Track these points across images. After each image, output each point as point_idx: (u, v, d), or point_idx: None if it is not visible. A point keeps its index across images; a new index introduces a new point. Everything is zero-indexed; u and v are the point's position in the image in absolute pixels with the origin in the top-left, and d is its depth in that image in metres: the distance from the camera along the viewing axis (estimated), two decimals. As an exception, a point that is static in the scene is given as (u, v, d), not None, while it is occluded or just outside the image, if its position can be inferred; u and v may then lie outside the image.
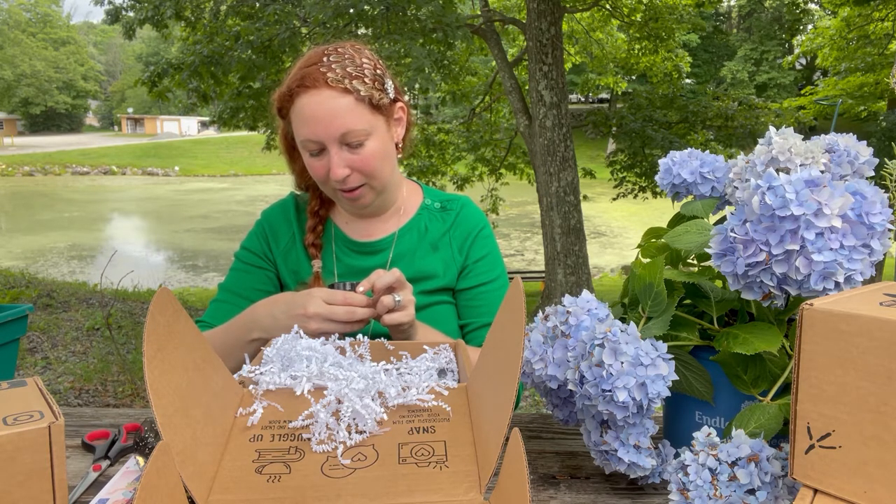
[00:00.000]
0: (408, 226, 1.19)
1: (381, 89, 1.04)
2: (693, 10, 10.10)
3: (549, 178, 6.43)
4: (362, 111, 1.01)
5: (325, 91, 0.99)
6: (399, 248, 1.17)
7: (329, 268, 1.17)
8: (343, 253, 1.18)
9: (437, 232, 1.19)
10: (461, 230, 1.20)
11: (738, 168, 0.77)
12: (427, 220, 1.20)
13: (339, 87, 0.99)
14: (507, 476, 0.55)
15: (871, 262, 0.62)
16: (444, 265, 1.17)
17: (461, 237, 1.20)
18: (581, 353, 0.70)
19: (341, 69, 1.00)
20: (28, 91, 44.02)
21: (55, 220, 17.50)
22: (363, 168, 1.04)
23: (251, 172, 31.18)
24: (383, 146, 1.06)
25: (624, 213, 17.52)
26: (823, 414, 0.49)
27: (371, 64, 1.05)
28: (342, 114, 0.99)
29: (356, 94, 1.00)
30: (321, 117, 0.99)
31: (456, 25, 6.00)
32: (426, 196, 1.24)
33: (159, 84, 6.54)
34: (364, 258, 1.17)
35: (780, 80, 29.41)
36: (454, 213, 1.21)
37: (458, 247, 1.19)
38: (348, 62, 1.01)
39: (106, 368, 4.47)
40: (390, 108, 1.08)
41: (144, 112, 49.06)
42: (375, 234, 1.19)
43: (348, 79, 1.00)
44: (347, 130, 1.00)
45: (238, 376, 0.77)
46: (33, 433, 0.60)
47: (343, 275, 1.16)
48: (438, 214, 1.21)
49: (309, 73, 1.00)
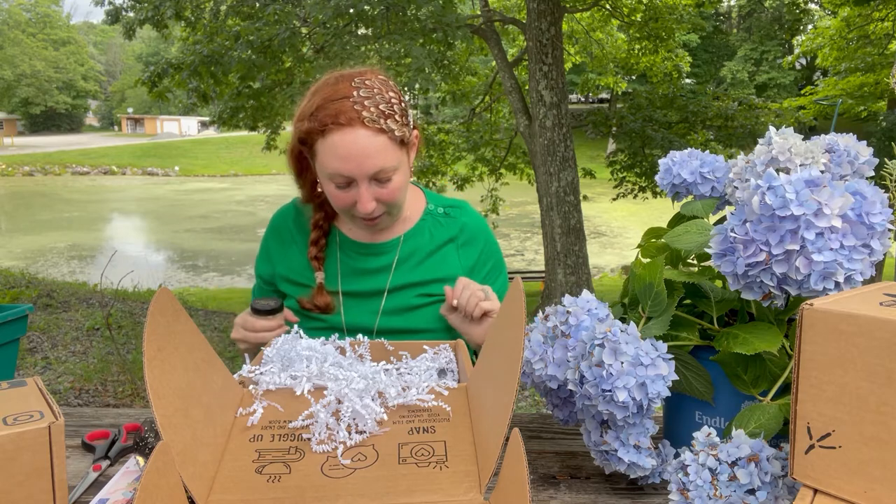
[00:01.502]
0: (413, 230, 1.21)
1: (406, 124, 1.07)
2: (693, 10, 10.10)
3: (549, 178, 6.43)
4: (393, 149, 1.04)
5: (361, 131, 1.00)
6: (404, 250, 1.19)
7: (333, 272, 1.19)
8: (347, 256, 1.20)
9: (441, 238, 1.22)
10: (466, 239, 1.23)
11: (738, 168, 0.77)
12: (431, 226, 1.23)
13: (375, 127, 1.00)
14: (507, 476, 0.55)
15: (871, 262, 0.62)
16: (450, 270, 1.20)
17: (466, 247, 1.23)
18: (581, 353, 0.70)
19: (375, 107, 1.01)
20: (28, 91, 44.01)
21: (55, 220, 17.50)
22: (389, 199, 1.07)
23: (251, 172, 31.18)
24: (406, 176, 1.10)
25: (624, 213, 17.51)
26: (823, 414, 0.49)
27: (397, 98, 1.07)
28: (376, 153, 1.01)
29: (390, 133, 1.02)
30: (355, 156, 1.00)
31: (456, 25, 6.00)
32: (429, 201, 1.26)
33: (159, 84, 6.55)
34: (369, 259, 1.19)
35: (780, 80, 29.40)
36: (458, 220, 1.24)
37: (464, 255, 1.22)
38: (379, 99, 1.03)
39: (106, 368, 4.47)
40: (410, 138, 1.10)
41: (144, 112, 49.06)
42: (380, 237, 1.21)
43: (382, 118, 1.01)
44: (380, 169, 1.02)
45: (238, 376, 0.77)
46: (33, 433, 0.60)
47: (347, 276, 1.19)
48: (442, 220, 1.24)
49: (342, 109, 1.00)
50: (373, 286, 1.17)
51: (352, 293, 1.18)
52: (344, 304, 1.17)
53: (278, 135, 8.16)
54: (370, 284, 1.18)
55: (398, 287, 1.17)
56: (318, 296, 1.16)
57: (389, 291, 1.17)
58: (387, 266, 1.18)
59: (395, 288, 1.17)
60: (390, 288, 1.17)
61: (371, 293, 1.17)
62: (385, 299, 1.17)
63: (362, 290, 1.17)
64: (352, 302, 1.17)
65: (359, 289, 1.17)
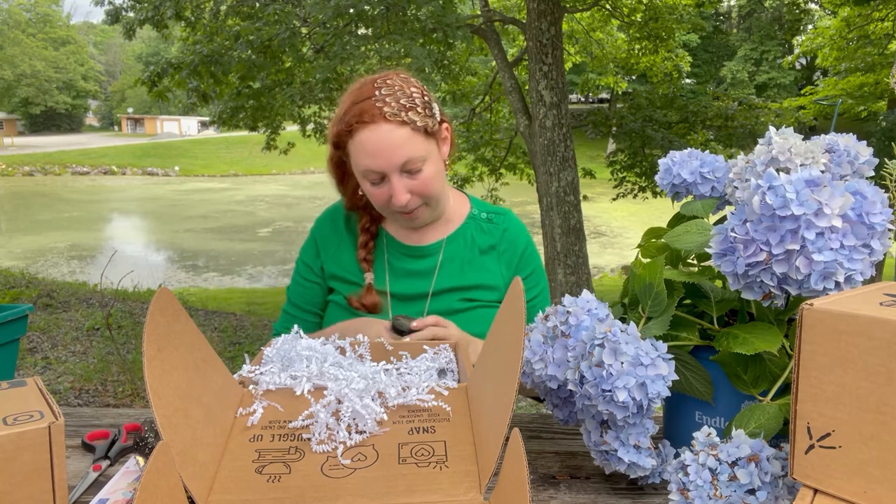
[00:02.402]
0: (455, 234, 1.25)
1: (431, 115, 1.11)
2: (693, 10, 10.09)
3: (549, 178, 6.43)
4: (419, 140, 1.08)
5: (384, 125, 1.05)
6: (447, 253, 1.23)
7: (381, 272, 1.23)
8: (394, 257, 1.24)
9: (484, 244, 1.25)
10: (509, 247, 1.26)
11: (738, 168, 0.77)
12: (473, 230, 1.26)
13: (396, 120, 1.05)
14: (507, 476, 0.55)
15: (871, 262, 0.62)
16: (491, 278, 1.24)
17: (509, 255, 1.26)
18: (581, 353, 0.70)
19: (395, 102, 1.06)
20: (28, 91, 43.97)
21: (55, 220, 17.50)
22: (422, 191, 1.11)
23: (251, 172, 31.17)
24: (437, 167, 1.13)
25: (624, 213, 17.51)
26: (823, 414, 0.49)
27: (419, 92, 1.11)
28: (401, 144, 1.06)
29: (412, 124, 1.06)
30: (382, 149, 1.06)
31: (456, 25, 6.00)
32: (473, 206, 1.30)
33: (159, 84, 6.54)
34: (414, 261, 1.23)
35: (780, 80, 29.39)
36: (501, 227, 1.27)
37: (505, 263, 1.26)
38: (400, 94, 1.07)
39: (106, 368, 4.47)
40: (439, 131, 1.14)
41: (144, 112, 49.03)
42: (424, 239, 1.25)
43: (403, 111, 1.06)
44: (407, 159, 1.07)
45: (238, 376, 0.77)
46: (33, 433, 0.60)
47: (394, 277, 1.23)
48: (485, 226, 1.27)
49: (365, 108, 1.06)
50: (418, 289, 1.21)
51: (398, 295, 1.21)
52: (392, 306, 1.21)
53: (278, 135, 8.15)
54: (415, 287, 1.21)
55: (442, 290, 1.21)
56: (367, 295, 1.20)
57: (433, 294, 1.21)
58: (430, 269, 1.22)
59: (438, 291, 1.21)
60: (434, 291, 1.21)
61: (416, 296, 1.21)
62: (429, 302, 1.21)
63: (408, 292, 1.21)
64: (398, 303, 1.21)
65: (405, 291, 1.22)
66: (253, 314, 6.83)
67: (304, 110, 7.79)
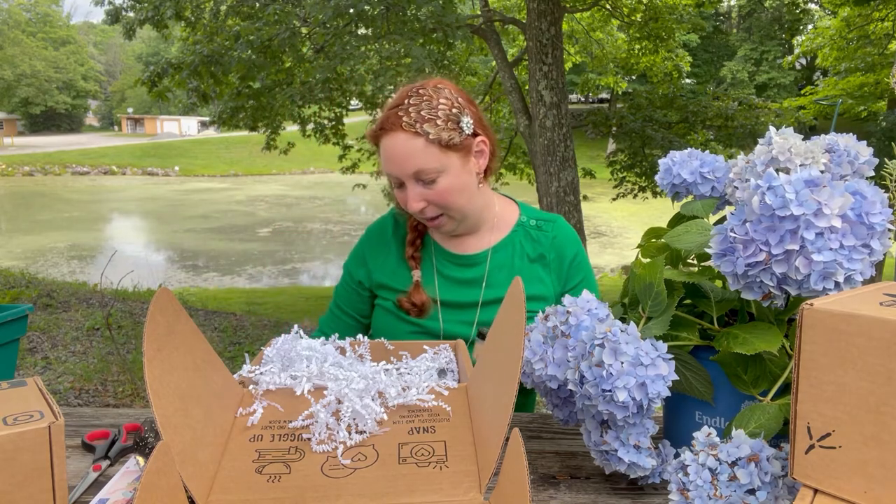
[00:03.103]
0: (503, 242, 1.25)
1: (454, 129, 1.11)
2: (693, 10, 10.09)
3: (549, 178, 6.43)
4: (433, 151, 1.09)
5: (400, 135, 1.09)
6: (494, 262, 1.23)
7: (430, 278, 1.24)
8: (442, 265, 1.24)
9: (533, 252, 1.25)
10: (558, 256, 1.26)
11: (738, 168, 0.77)
12: (522, 238, 1.26)
13: (411, 130, 1.08)
14: (507, 476, 0.55)
15: (871, 262, 0.62)
16: (542, 288, 1.23)
17: (558, 263, 1.26)
18: (581, 353, 0.70)
19: (416, 112, 1.09)
20: (28, 91, 43.96)
21: (55, 220, 17.49)
22: (438, 201, 1.13)
23: (251, 172, 31.16)
24: (458, 180, 1.13)
25: (624, 213, 17.51)
26: (823, 414, 0.49)
27: (447, 104, 1.11)
28: (413, 154, 1.09)
29: (426, 136, 1.08)
30: (395, 157, 1.10)
31: (456, 25, 6.00)
32: (522, 213, 1.29)
33: (159, 84, 6.54)
34: (461, 270, 1.23)
35: (780, 80, 29.38)
36: (550, 235, 1.27)
37: (555, 272, 1.25)
38: (424, 105, 1.10)
39: (106, 368, 4.47)
40: (466, 144, 1.13)
41: (144, 112, 49.02)
42: (471, 248, 1.25)
43: (420, 122, 1.08)
44: (419, 169, 1.09)
45: (238, 376, 0.77)
46: (33, 433, 0.60)
47: (443, 284, 1.23)
48: (534, 233, 1.27)
49: (391, 115, 1.10)
50: (468, 298, 1.22)
51: (448, 302, 1.22)
52: (442, 314, 1.21)
53: (278, 135, 8.16)
54: (465, 296, 1.22)
55: (492, 301, 1.21)
56: (415, 293, 1.21)
57: (483, 304, 1.21)
58: (479, 278, 1.23)
59: (488, 301, 1.21)
60: (484, 301, 1.21)
61: (466, 304, 1.22)
62: (479, 312, 1.21)
63: (458, 300, 1.22)
64: (449, 311, 1.22)
65: (455, 299, 1.22)
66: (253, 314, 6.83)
67: (304, 110, 7.79)
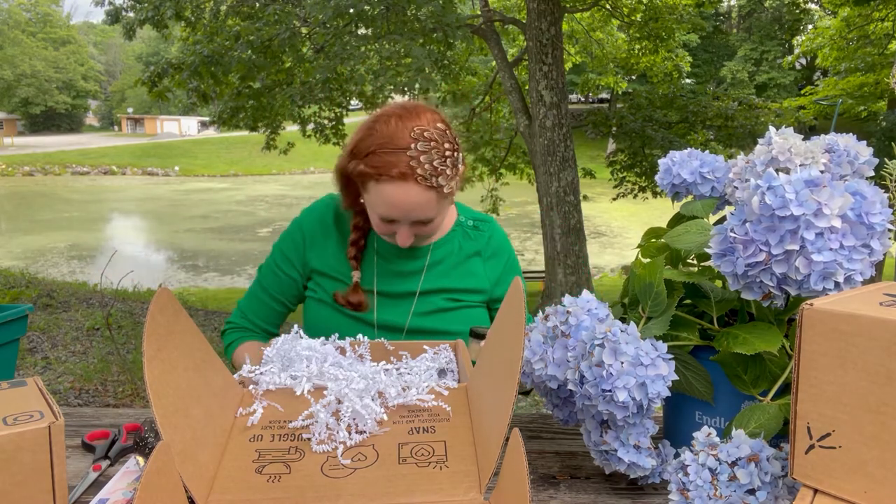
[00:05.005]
0: (444, 239, 1.27)
1: (455, 175, 1.10)
2: (693, 10, 10.09)
3: (549, 178, 6.43)
4: (440, 201, 1.09)
5: (414, 187, 1.04)
6: (434, 257, 1.25)
7: (369, 271, 1.24)
8: (383, 258, 1.24)
9: (470, 250, 1.28)
10: (492, 253, 1.29)
11: (738, 168, 0.77)
12: (460, 237, 1.28)
13: (426, 184, 1.04)
14: (507, 476, 0.55)
15: (871, 262, 0.62)
16: (478, 281, 1.26)
17: (491, 260, 1.29)
18: (581, 353, 0.70)
19: (429, 164, 1.04)
20: (28, 91, 43.94)
21: (55, 220, 17.49)
22: (424, 234, 1.14)
23: (251, 172, 31.16)
24: (445, 214, 1.15)
25: (624, 213, 17.51)
26: (823, 414, 0.49)
27: (451, 146, 1.08)
28: (424, 205, 1.07)
29: (439, 189, 1.06)
30: (403, 206, 1.06)
31: (456, 25, 6.00)
32: (460, 213, 1.32)
33: (159, 84, 6.55)
34: (403, 262, 1.24)
35: (780, 80, 29.38)
36: (486, 235, 1.30)
37: (489, 268, 1.28)
38: (435, 153, 1.05)
39: (106, 368, 4.47)
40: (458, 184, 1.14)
41: (144, 112, 48.99)
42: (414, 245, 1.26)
43: (435, 176, 1.05)
44: (424, 218, 1.09)
45: (238, 376, 0.77)
46: (33, 433, 0.60)
47: (382, 276, 1.23)
48: (471, 233, 1.30)
49: (398, 162, 1.03)
50: (405, 288, 1.23)
51: (385, 293, 1.22)
52: (378, 303, 1.22)
53: (278, 135, 8.16)
54: (402, 286, 1.23)
55: (429, 291, 1.23)
56: (353, 294, 1.21)
57: (420, 294, 1.22)
58: (418, 270, 1.24)
59: (425, 291, 1.23)
60: (421, 290, 1.22)
61: (403, 294, 1.23)
62: (416, 301, 1.22)
63: (395, 291, 1.23)
64: (385, 301, 1.22)
65: (392, 290, 1.23)
66: (253, 314, 6.81)
67: (304, 110, 7.80)
